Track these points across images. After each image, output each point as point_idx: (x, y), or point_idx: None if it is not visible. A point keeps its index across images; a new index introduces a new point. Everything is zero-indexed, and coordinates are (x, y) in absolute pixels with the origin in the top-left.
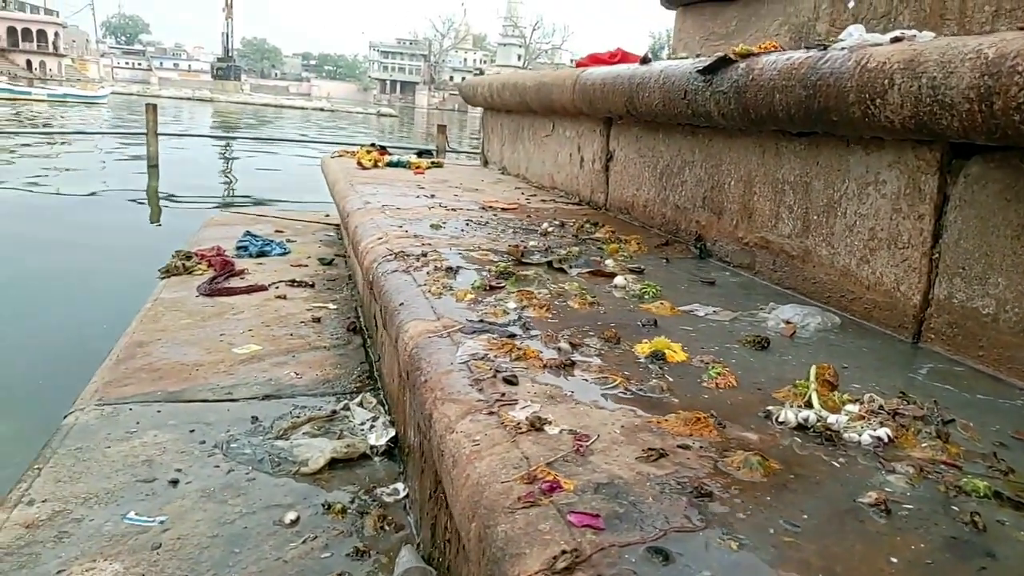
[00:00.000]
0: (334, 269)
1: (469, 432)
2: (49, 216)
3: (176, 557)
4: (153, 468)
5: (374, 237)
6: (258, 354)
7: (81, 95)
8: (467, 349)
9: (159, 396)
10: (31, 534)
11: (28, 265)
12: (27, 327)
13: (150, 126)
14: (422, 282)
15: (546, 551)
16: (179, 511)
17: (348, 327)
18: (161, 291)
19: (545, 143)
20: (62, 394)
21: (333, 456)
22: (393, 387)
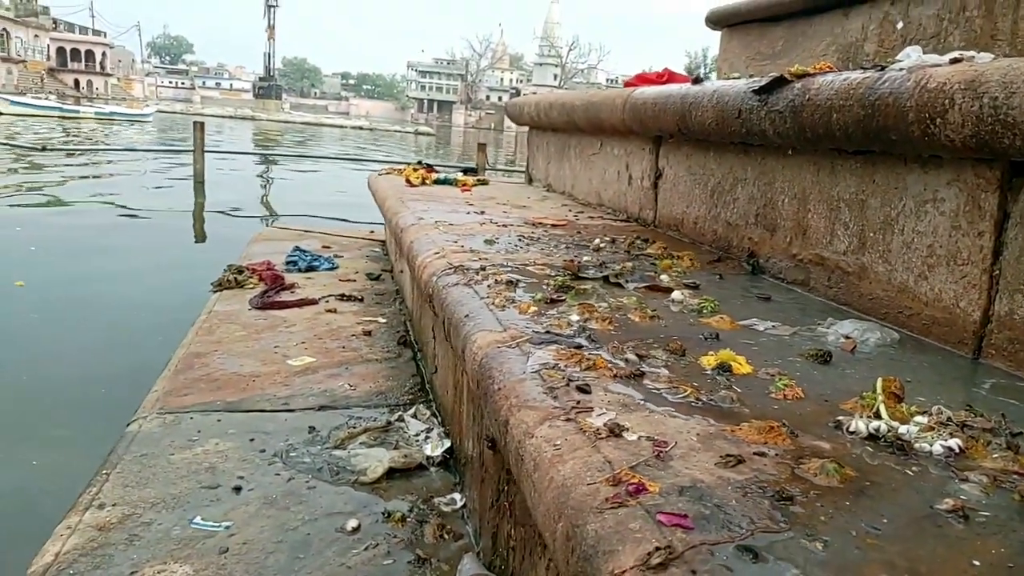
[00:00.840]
0: (381, 284)
1: (549, 437)
2: (98, 230)
3: (243, 561)
4: (216, 475)
5: (431, 252)
6: (312, 366)
7: (127, 113)
8: (537, 359)
9: (218, 406)
10: (103, 536)
11: (80, 278)
12: (82, 339)
13: (197, 143)
14: (484, 295)
15: (639, 548)
16: (243, 517)
17: (398, 340)
18: (215, 304)
19: (592, 161)
20: (120, 403)
21: (391, 466)
22: (447, 399)
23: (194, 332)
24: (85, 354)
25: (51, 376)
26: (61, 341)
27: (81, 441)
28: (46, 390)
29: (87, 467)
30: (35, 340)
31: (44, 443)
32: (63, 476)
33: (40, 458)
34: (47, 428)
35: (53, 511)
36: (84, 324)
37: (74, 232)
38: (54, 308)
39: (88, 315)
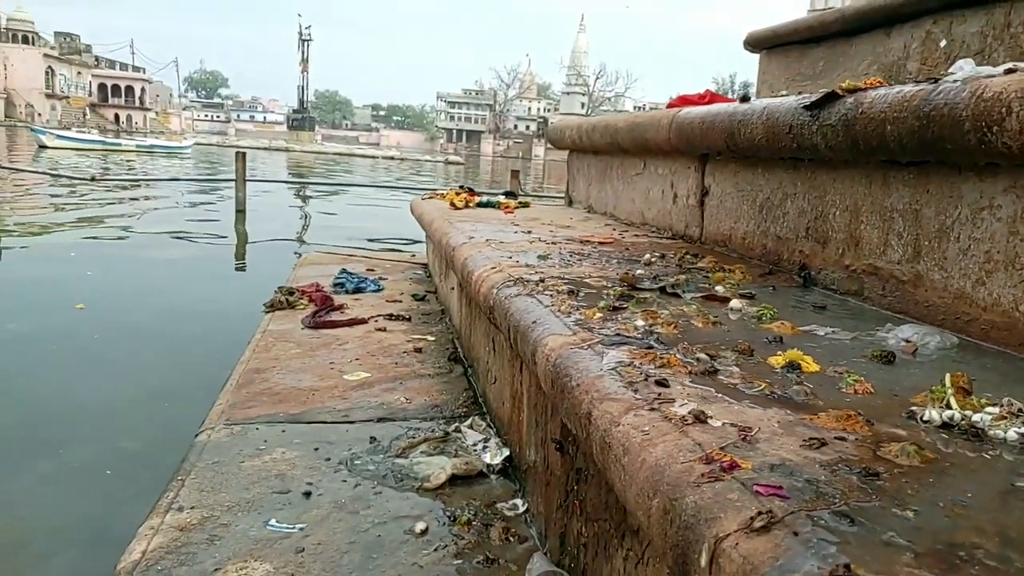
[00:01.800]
0: (426, 304)
1: (636, 424)
2: (147, 256)
3: (319, 560)
4: (286, 481)
5: (487, 267)
6: (368, 381)
7: (166, 146)
8: (611, 358)
9: (282, 417)
10: (185, 536)
11: (134, 302)
12: (140, 358)
13: (239, 173)
14: (548, 303)
15: (740, 514)
16: (315, 520)
17: (448, 357)
18: (268, 324)
19: (635, 181)
20: (183, 417)
21: (453, 472)
22: (504, 411)
23: (251, 350)
24: (145, 372)
25: (116, 392)
26: (122, 360)
27: (149, 452)
28: (112, 406)
29: (157, 475)
30: (98, 359)
31: (115, 454)
32: (135, 484)
33: (113, 468)
34: (116, 440)
35: (129, 516)
36: (141, 344)
37: (124, 258)
38: (112, 329)
39: (144, 336)
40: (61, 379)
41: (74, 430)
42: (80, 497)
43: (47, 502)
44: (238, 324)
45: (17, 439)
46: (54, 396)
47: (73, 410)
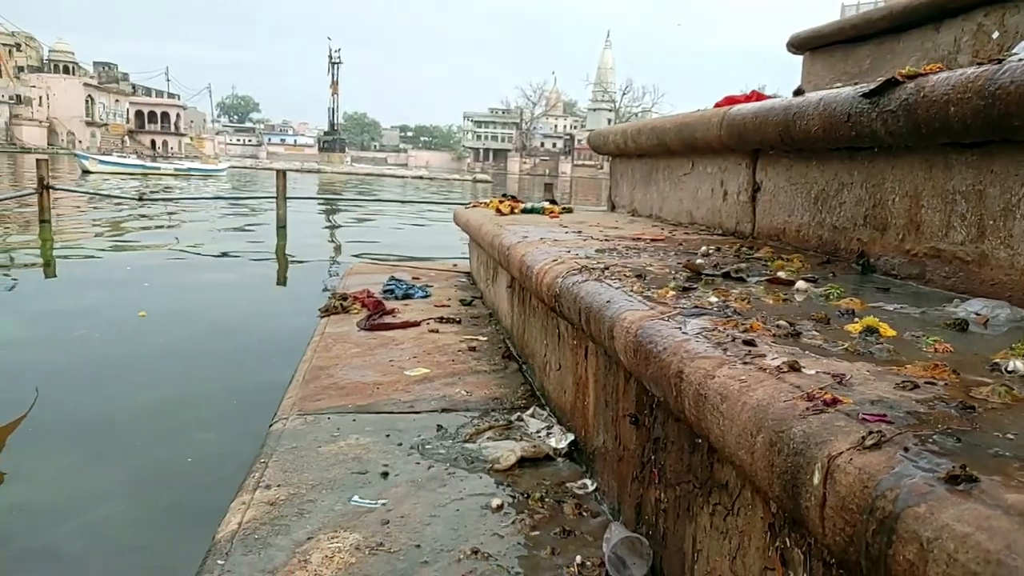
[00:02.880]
0: (474, 309)
1: (731, 375)
2: (195, 269)
3: (404, 531)
4: (363, 463)
5: (548, 260)
6: (428, 376)
7: (203, 168)
8: (694, 325)
9: (351, 408)
10: (276, 510)
11: (189, 310)
12: (204, 361)
13: (280, 191)
14: (617, 286)
15: (850, 436)
16: (396, 497)
17: (502, 355)
18: (325, 327)
19: (683, 181)
20: (252, 412)
21: (522, 455)
22: (565, 399)
23: (311, 350)
24: (210, 372)
25: (185, 392)
26: (186, 363)
27: (223, 442)
28: (184, 403)
29: (235, 462)
30: (165, 362)
31: (194, 444)
32: (218, 470)
33: (194, 454)
34: (194, 432)
35: (215, 497)
36: (200, 349)
37: (174, 272)
38: (173, 335)
39: (202, 341)
40: (132, 380)
41: (151, 424)
42: (169, 482)
43: (143, 486)
44: (288, 331)
45: (99, 434)
46: (127, 394)
47: (147, 406)
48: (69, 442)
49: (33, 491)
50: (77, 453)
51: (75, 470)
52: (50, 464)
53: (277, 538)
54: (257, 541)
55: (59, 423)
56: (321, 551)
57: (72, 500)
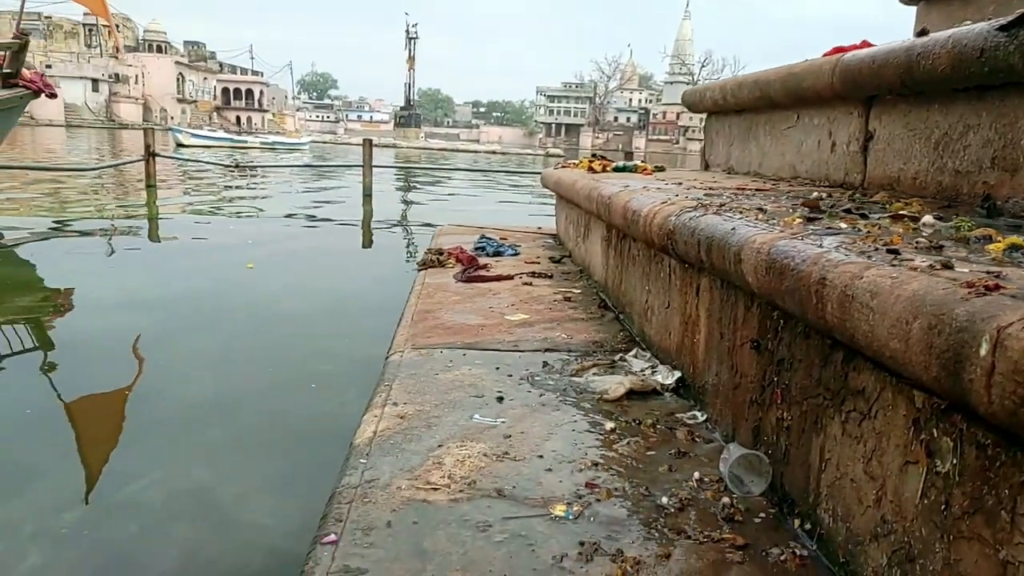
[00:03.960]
0: (563, 266)
1: (882, 274)
2: (288, 234)
3: (525, 444)
4: (479, 389)
5: (657, 202)
6: (528, 321)
7: (287, 142)
8: (832, 240)
9: (460, 345)
10: (406, 423)
11: (291, 265)
12: (312, 306)
13: (366, 159)
14: (739, 218)
15: (1018, 312)
16: (513, 417)
17: (599, 305)
18: (424, 279)
19: (786, 135)
20: (365, 349)
21: (631, 387)
22: (671, 340)
23: (415, 297)
24: (320, 316)
25: (301, 332)
26: (297, 309)
27: (341, 372)
28: (303, 341)
29: (355, 391)
30: (276, 307)
31: (315, 376)
32: (337, 396)
33: (317, 383)
34: (315, 365)
35: (339, 420)
36: (304, 297)
37: (272, 232)
38: (279, 283)
39: (305, 291)
40: (250, 322)
41: (274, 355)
42: (299, 402)
43: (278, 404)
44: (384, 285)
45: (228, 364)
46: (250, 332)
47: (267, 341)
48: (210, 368)
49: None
50: (219, 373)
51: (219, 389)
52: (197, 381)
53: (410, 444)
54: (393, 446)
55: (193, 354)
56: (452, 456)
57: (219, 409)
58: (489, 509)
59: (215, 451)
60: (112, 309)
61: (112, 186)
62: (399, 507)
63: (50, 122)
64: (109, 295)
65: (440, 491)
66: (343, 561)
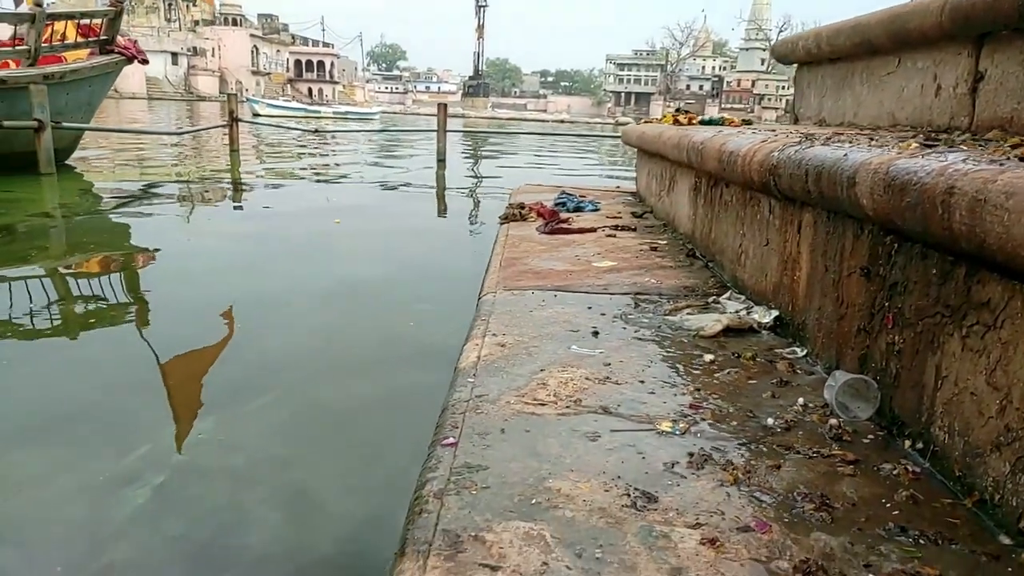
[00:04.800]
0: (645, 221)
1: (1018, 176)
2: (368, 195)
3: (625, 370)
4: (573, 324)
5: (756, 142)
6: (616, 267)
7: (358, 111)
8: (956, 156)
9: (550, 287)
10: (507, 351)
11: (374, 222)
12: (402, 256)
13: (441, 123)
14: (849, 146)
15: None
16: (610, 348)
17: (686, 254)
18: (507, 231)
19: (885, 81)
20: (456, 293)
21: (728, 324)
22: (766, 282)
23: (500, 246)
24: (411, 264)
25: (397, 275)
26: (382, 256)
27: (437, 312)
28: (400, 282)
29: (450, 326)
30: (372, 257)
31: (414, 314)
32: (437, 330)
33: (416, 321)
34: (414, 304)
35: (439, 349)
36: (393, 252)
37: (350, 196)
38: (365, 237)
39: (388, 244)
40: (350, 266)
41: (370, 291)
42: (401, 335)
43: (380, 337)
44: (459, 243)
45: (334, 298)
46: (351, 273)
47: (366, 281)
48: (311, 315)
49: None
50: (319, 318)
51: (327, 325)
52: (299, 326)
53: (513, 368)
54: (497, 369)
55: (302, 292)
56: (555, 378)
57: (328, 343)
58: (596, 422)
59: (331, 377)
60: (199, 269)
61: (194, 153)
62: (510, 417)
63: (133, 95)
64: (195, 255)
65: (547, 406)
66: (464, 459)
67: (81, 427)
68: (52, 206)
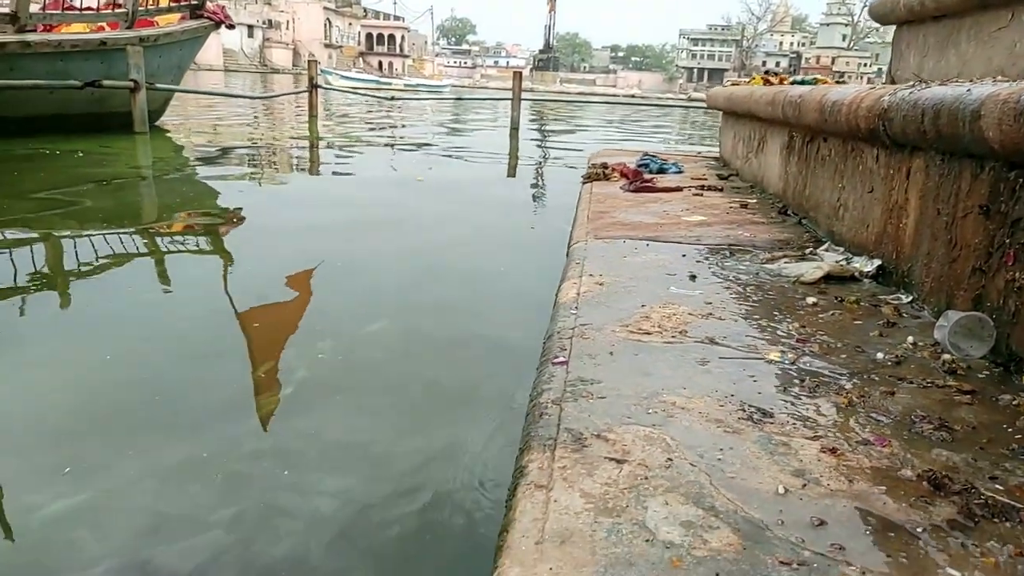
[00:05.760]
0: (732, 183)
1: None
2: (439, 159)
3: (726, 309)
4: (669, 269)
5: (863, 91)
6: (706, 222)
7: (429, 84)
8: None
9: (640, 237)
10: (606, 289)
11: (452, 183)
12: (481, 208)
13: (515, 92)
14: (968, 86)
15: None
16: (709, 291)
17: (778, 211)
18: (590, 189)
19: (995, 37)
20: (542, 241)
21: (829, 271)
22: (868, 233)
23: (585, 202)
24: (489, 223)
25: (484, 224)
26: (466, 214)
27: (530, 259)
28: (483, 236)
29: (544, 269)
30: (452, 214)
31: (501, 260)
32: (534, 271)
33: (503, 267)
34: (507, 256)
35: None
36: (475, 209)
37: (426, 161)
38: (447, 192)
39: (468, 199)
40: (433, 220)
41: (455, 244)
42: (491, 280)
43: (474, 275)
44: (536, 205)
45: (423, 248)
46: (436, 226)
47: (451, 233)
48: (401, 263)
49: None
50: (420, 258)
51: (420, 268)
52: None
53: (615, 303)
54: (598, 303)
55: (391, 246)
56: (658, 313)
57: (420, 286)
58: (703, 351)
59: (431, 312)
60: (281, 229)
61: (268, 120)
62: (617, 344)
63: (210, 66)
64: (277, 216)
65: (653, 336)
66: (577, 374)
67: (224, 354)
68: (147, 163)
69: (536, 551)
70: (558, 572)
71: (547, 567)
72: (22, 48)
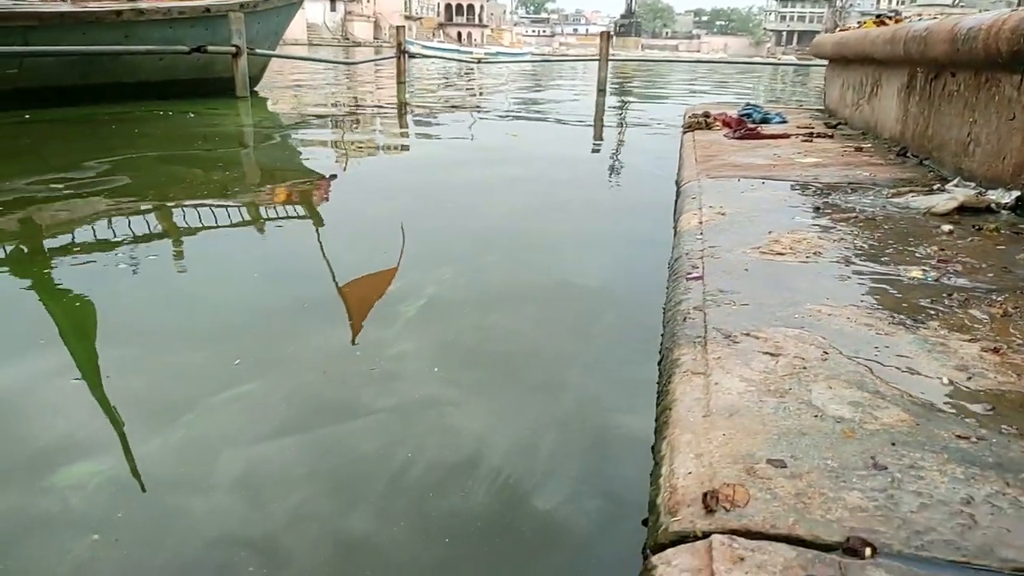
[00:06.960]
0: (842, 131)
1: None
2: (524, 122)
3: (858, 236)
4: (790, 203)
5: (1003, 13)
6: (821, 163)
7: (509, 51)
8: None
9: (754, 176)
10: (728, 219)
11: (537, 138)
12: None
13: (603, 52)
14: None
15: None
16: (836, 220)
17: (897, 153)
18: (693, 137)
19: None
20: (651, 179)
21: (963, 202)
22: (1005, 165)
23: (689, 148)
24: (585, 174)
25: (575, 179)
26: (559, 171)
27: (640, 194)
28: (580, 187)
29: (652, 206)
30: (547, 171)
31: (613, 193)
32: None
33: (619, 201)
34: (597, 203)
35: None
36: (567, 164)
37: (514, 127)
38: (544, 152)
39: (564, 160)
40: (541, 165)
41: (554, 193)
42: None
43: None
44: (626, 160)
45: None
46: (536, 177)
47: (551, 180)
48: (507, 213)
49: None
50: (525, 204)
51: (525, 210)
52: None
53: (740, 230)
54: (722, 230)
55: (493, 195)
56: (787, 238)
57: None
58: (841, 269)
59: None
60: (374, 191)
61: (354, 88)
62: (749, 262)
63: (295, 40)
64: (367, 179)
65: (786, 256)
66: (716, 286)
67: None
68: (250, 123)
69: (705, 422)
70: (731, 438)
71: (720, 433)
72: (136, 16)
